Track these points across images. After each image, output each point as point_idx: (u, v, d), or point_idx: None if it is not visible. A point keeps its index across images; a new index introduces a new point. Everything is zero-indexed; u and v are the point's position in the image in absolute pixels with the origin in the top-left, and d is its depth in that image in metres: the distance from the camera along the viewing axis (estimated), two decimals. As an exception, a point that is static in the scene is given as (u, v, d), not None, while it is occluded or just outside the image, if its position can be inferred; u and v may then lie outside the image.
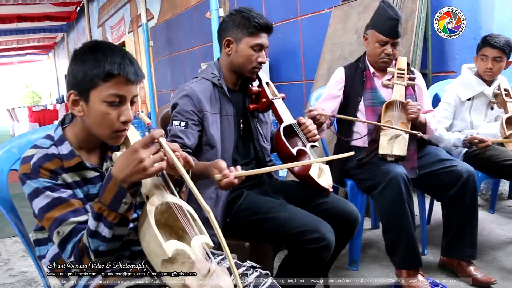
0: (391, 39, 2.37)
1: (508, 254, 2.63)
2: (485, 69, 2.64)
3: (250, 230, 1.78)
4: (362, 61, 2.55)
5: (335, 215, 1.82)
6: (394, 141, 2.28)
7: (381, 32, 2.37)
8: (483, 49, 2.64)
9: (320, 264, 1.70)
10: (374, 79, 2.50)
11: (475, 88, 2.69)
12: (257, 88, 1.98)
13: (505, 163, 2.40)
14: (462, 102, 2.72)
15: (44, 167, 1.18)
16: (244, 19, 1.85)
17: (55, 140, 1.25)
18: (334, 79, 2.57)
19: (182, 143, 1.80)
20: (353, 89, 2.49)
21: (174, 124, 1.83)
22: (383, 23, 2.36)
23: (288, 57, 5.31)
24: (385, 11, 2.35)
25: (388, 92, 2.45)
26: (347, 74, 2.54)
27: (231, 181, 1.51)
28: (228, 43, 1.89)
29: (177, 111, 1.84)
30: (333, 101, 2.52)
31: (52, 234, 1.17)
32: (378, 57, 2.43)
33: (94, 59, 1.16)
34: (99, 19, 13.65)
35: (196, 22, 7.32)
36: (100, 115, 1.18)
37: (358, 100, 2.45)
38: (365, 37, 2.50)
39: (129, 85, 1.18)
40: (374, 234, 3.04)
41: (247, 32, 1.85)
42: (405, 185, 2.15)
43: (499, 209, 3.43)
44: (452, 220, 2.34)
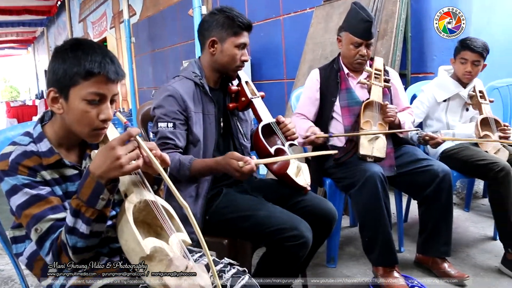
0: (365, 41, 2.41)
1: (481, 251, 2.70)
2: (464, 72, 2.68)
3: (229, 227, 1.80)
4: (336, 62, 2.58)
5: (313, 213, 1.85)
6: (374, 142, 2.32)
7: (355, 34, 2.40)
8: (463, 52, 2.68)
9: (298, 261, 1.72)
10: (349, 80, 2.53)
11: (451, 90, 2.75)
12: (236, 87, 2.00)
13: (479, 163, 2.46)
14: (438, 103, 2.78)
15: (22, 164, 1.18)
16: (228, 19, 1.86)
17: (34, 138, 1.25)
18: (310, 82, 2.60)
19: (174, 144, 1.80)
20: (328, 90, 2.52)
21: (160, 126, 1.81)
22: (357, 25, 2.39)
23: (270, 56, 5.33)
24: (357, 13, 2.39)
25: (363, 92, 2.49)
26: (322, 75, 2.57)
27: (253, 167, 1.62)
28: (213, 43, 1.89)
29: (162, 113, 1.83)
30: (313, 104, 2.55)
31: (30, 231, 1.17)
32: (353, 59, 2.46)
33: (74, 57, 1.16)
34: (80, 14, 13.48)
35: (179, 19, 7.30)
36: (80, 113, 1.18)
37: (333, 100, 2.48)
38: (339, 39, 2.54)
39: (110, 83, 1.19)
40: (352, 232, 3.08)
41: (232, 31, 1.86)
42: (382, 183, 2.19)
43: (474, 207, 3.51)
44: (428, 219, 2.39)
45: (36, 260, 1.27)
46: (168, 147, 1.80)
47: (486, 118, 2.60)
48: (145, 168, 1.22)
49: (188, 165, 1.76)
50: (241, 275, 1.34)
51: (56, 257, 1.17)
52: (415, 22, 3.62)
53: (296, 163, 1.93)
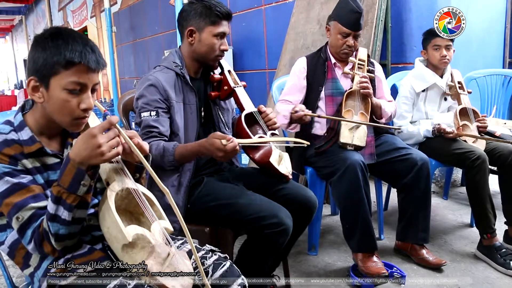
0: (353, 31, 2.43)
1: (458, 237, 2.77)
2: (440, 57, 2.73)
3: (210, 215, 1.81)
4: (324, 51, 2.59)
5: (294, 201, 1.87)
6: (355, 131, 2.34)
7: (344, 24, 2.41)
8: (434, 40, 2.75)
9: (278, 248, 1.75)
10: (335, 70, 2.55)
11: (428, 80, 2.78)
12: (219, 76, 2.00)
13: (456, 151, 2.51)
14: (417, 93, 2.81)
15: (3, 152, 1.17)
16: (205, 8, 1.85)
17: (15, 126, 1.24)
18: (296, 69, 2.60)
19: (158, 132, 1.81)
20: (315, 79, 2.54)
21: (144, 116, 1.82)
22: (346, 16, 2.41)
23: (252, 46, 5.33)
24: (347, 4, 2.40)
25: (347, 82, 2.51)
26: (309, 63, 2.58)
27: (235, 145, 1.64)
28: (191, 33, 1.89)
29: (144, 102, 1.83)
30: (300, 92, 2.56)
31: (11, 220, 1.17)
32: (340, 48, 2.48)
33: (55, 46, 1.15)
34: (59, 3, 13.22)
35: (160, 9, 7.23)
36: (60, 102, 1.18)
37: (320, 90, 2.50)
38: (328, 28, 2.55)
39: (90, 73, 1.18)
40: (333, 220, 3.12)
41: (209, 21, 1.86)
42: (362, 172, 2.23)
43: (452, 195, 3.58)
44: (406, 206, 2.44)
45: (18, 249, 1.26)
46: (152, 135, 1.80)
47: (465, 108, 2.65)
48: (125, 156, 1.23)
49: (172, 151, 1.76)
50: (223, 261, 1.36)
51: (38, 245, 1.17)
52: (395, 12, 3.65)
53: (277, 152, 1.95)
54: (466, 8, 3.58)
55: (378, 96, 2.60)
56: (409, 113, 2.83)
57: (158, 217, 1.24)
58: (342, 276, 2.35)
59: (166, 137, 1.84)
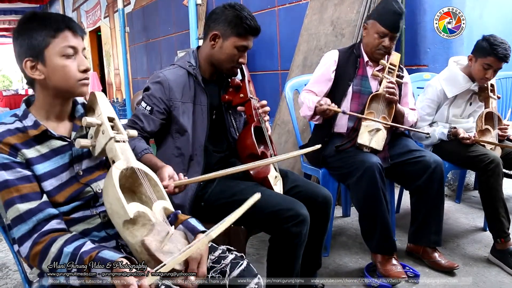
0: (391, 33, 2.40)
1: (471, 241, 2.75)
2: (484, 77, 2.58)
3: (224, 213, 1.80)
4: (357, 48, 2.56)
5: (308, 197, 1.87)
6: (374, 134, 2.33)
7: (382, 24, 2.38)
8: (489, 58, 2.52)
9: (302, 239, 1.74)
10: (367, 68, 2.52)
11: (462, 86, 2.68)
12: (239, 81, 1.98)
13: (470, 154, 2.50)
14: (446, 97, 2.72)
15: (4, 142, 1.20)
16: (236, 18, 1.83)
17: (20, 116, 1.29)
18: (327, 61, 2.56)
19: (142, 126, 1.84)
20: (345, 73, 2.50)
21: (140, 105, 1.87)
22: (386, 16, 2.37)
23: (265, 47, 5.33)
24: (389, 4, 2.37)
25: (375, 83, 2.49)
26: (341, 57, 2.54)
27: (170, 191, 1.50)
28: (215, 37, 1.88)
29: (147, 93, 1.88)
30: (326, 84, 2.53)
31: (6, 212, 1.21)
32: (375, 48, 2.45)
33: (38, 24, 1.24)
34: (73, 3, 13.33)
35: (174, 9, 7.26)
36: (61, 69, 1.25)
37: (349, 84, 2.47)
38: (365, 26, 2.51)
39: (77, 37, 1.28)
40: (345, 222, 3.12)
41: (236, 32, 1.84)
42: (380, 174, 2.22)
43: (464, 199, 3.56)
44: (419, 209, 2.42)
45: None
46: (135, 127, 1.82)
47: (491, 113, 2.62)
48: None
49: (139, 156, 1.74)
50: (240, 260, 1.37)
51: (29, 252, 1.17)
52: (409, 14, 3.63)
53: (275, 173, 1.94)
54: (481, 10, 3.58)
55: (403, 102, 2.58)
56: (431, 116, 2.78)
57: (160, 197, 1.29)
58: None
59: (148, 134, 1.86)
